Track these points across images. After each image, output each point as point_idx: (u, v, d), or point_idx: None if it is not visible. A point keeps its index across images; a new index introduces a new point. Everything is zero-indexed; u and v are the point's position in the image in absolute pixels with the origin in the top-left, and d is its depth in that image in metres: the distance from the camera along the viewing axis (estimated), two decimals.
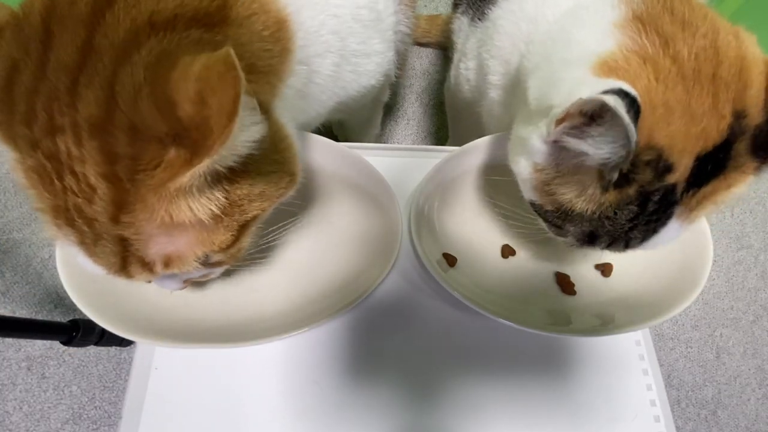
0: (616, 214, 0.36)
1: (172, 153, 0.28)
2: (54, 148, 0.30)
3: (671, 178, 0.34)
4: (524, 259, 0.55)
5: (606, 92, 0.31)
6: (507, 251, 0.55)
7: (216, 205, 0.33)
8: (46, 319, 0.90)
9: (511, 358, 0.52)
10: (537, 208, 0.42)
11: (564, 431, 0.49)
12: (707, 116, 0.33)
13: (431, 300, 0.53)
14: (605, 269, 0.54)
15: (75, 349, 0.96)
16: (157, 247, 0.33)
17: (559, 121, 0.34)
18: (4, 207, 1.07)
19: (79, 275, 0.44)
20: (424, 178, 0.54)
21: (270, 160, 0.36)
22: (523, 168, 0.41)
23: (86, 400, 0.94)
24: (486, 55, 0.56)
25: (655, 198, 0.35)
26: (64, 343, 0.74)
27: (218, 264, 0.38)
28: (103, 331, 0.78)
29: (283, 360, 0.50)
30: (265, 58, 0.37)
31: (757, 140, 0.35)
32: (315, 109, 0.51)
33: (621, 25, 0.36)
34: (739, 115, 0.34)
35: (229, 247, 0.36)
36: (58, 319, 0.75)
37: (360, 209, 0.55)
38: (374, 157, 0.56)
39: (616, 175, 0.34)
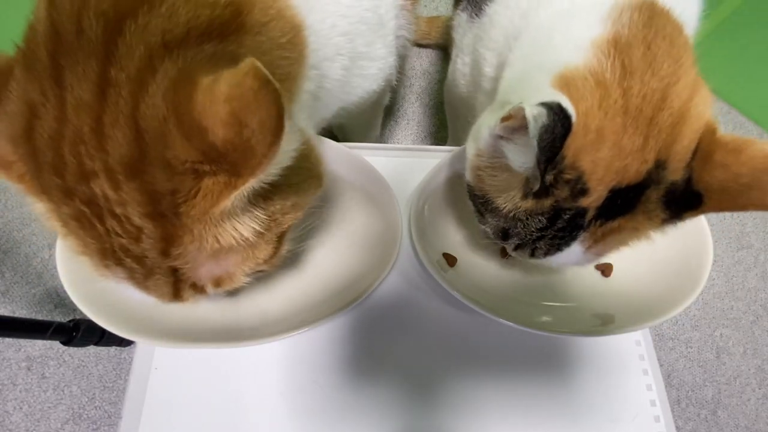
0: (527, 219, 0.38)
1: (209, 180, 0.28)
2: (90, 194, 0.29)
3: (584, 202, 0.35)
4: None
5: (543, 104, 0.31)
6: (507, 251, 0.55)
7: (258, 222, 0.33)
8: (46, 319, 0.90)
9: (512, 358, 0.52)
10: (469, 190, 0.44)
11: (564, 431, 0.49)
12: (632, 155, 0.34)
13: (431, 300, 0.53)
14: (605, 269, 0.54)
15: (75, 349, 0.96)
16: (208, 271, 0.34)
17: (504, 119, 0.35)
18: (4, 207, 1.07)
19: (79, 275, 0.44)
20: (424, 178, 0.54)
21: (298, 170, 0.35)
22: (470, 148, 0.43)
23: (86, 400, 0.94)
24: (482, 49, 0.56)
25: (565, 216, 0.36)
26: (64, 343, 0.74)
27: (261, 272, 0.38)
28: (103, 331, 0.77)
29: (283, 360, 0.50)
30: (283, 66, 0.36)
31: (671, 195, 0.36)
32: (321, 114, 0.51)
33: (597, 43, 0.36)
34: (659, 165, 0.35)
35: (272, 257, 0.36)
36: (58, 319, 0.75)
37: (360, 209, 0.55)
38: (374, 157, 0.56)
39: (538, 185, 0.35)
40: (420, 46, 1.22)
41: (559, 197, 0.35)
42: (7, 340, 0.96)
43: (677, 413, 1.01)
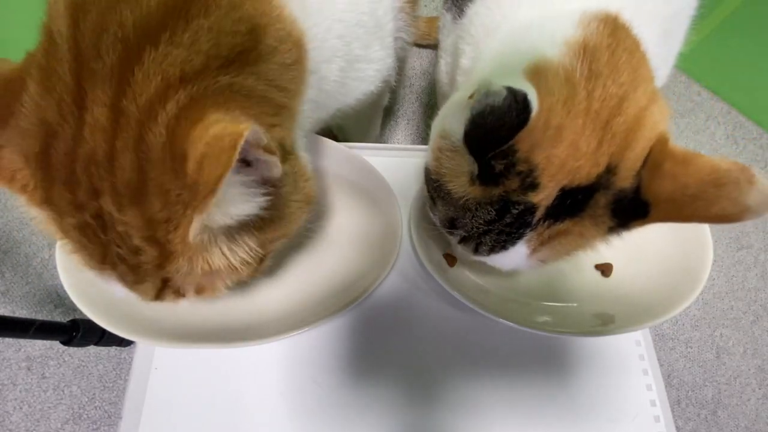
0: (476, 209, 0.38)
1: (189, 211, 0.29)
2: (98, 209, 0.31)
3: (534, 198, 0.35)
4: None
5: (509, 88, 0.31)
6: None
7: (247, 252, 0.35)
8: (46, 319, 0.90)
9: (511, 358, 0.52)
10: (426, 173, 0.44)
11: (564, 431, 0.49)
12: (586, 157, 0.34)
13: (431, 300, 0.53)
14: (605, 269, 0.54)
15: (75, 349, 0.96)
16: (194, 283, 0.35)
17: (471, 96, 0.35)
18: (4, 207, 1.07)
19: (79, 275, 0.44)
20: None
21: (292, 201, 0.37)
22: (435, 128, 0.43)
23: (86, 400, 0.94)
24: (462, 44, 0.57)
25: (514, 211, 0.36)
26: (64, 343, 0.74)
27: (243, 283, 0.40)
28: (103, 331, 0.78)
29: (283, 360, 0.50)
30: (290, 85, 0.37)
31: (618, 203, 0.36)
32: (319, 115, 0.51)
33: (570, 44, 0.37)
34: (610, 170, 0.35)
35: (254, 273, 0.38)
36: (58, 319, 0.75)
37: (360, 209, 0.55)
38: (374, 157, 0.56)
39: (476, 169, 0.36)
40: (420, 46, 1.22)
41: (508, 188, 0.35)
42: (7, 340, 0.96)
43: (677, 413, 1.01)
